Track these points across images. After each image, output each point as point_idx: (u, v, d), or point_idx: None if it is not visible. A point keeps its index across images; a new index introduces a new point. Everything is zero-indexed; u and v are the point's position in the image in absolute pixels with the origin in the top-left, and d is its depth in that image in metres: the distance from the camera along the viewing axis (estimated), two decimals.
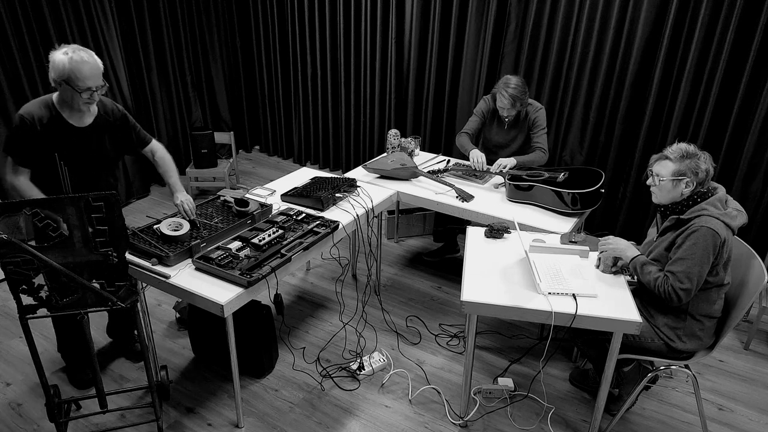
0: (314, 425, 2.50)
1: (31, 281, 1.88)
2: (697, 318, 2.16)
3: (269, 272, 2.22)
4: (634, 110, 3.74)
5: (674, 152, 2.09)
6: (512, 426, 2.51)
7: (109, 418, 2.48)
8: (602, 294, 2.19)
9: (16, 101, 3.79)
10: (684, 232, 2.06)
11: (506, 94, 3.14)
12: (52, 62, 2.12)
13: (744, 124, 3.40)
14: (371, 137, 5.02)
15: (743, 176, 3.44)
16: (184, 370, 2.82)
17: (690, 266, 2.02)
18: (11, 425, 2.46)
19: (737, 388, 2.79)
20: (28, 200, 1.78)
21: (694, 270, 2.01)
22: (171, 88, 4.91)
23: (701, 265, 2.01)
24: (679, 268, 2.04)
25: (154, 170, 4.88)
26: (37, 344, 2.10)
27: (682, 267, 2.03)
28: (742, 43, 3.26)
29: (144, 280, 2.33)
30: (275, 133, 5.74)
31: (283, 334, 3.08)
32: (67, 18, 3.93)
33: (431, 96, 4.49)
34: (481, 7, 4.06)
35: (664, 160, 2.12)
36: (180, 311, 3.07)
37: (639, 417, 2.59)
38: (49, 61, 2.13)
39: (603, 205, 4.00)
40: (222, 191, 2.87)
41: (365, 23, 4.60)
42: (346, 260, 3.79)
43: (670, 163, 2.09)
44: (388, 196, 3.09)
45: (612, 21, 3.58)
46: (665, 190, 2.12)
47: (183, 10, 4.88)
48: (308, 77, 5.14)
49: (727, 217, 2.04)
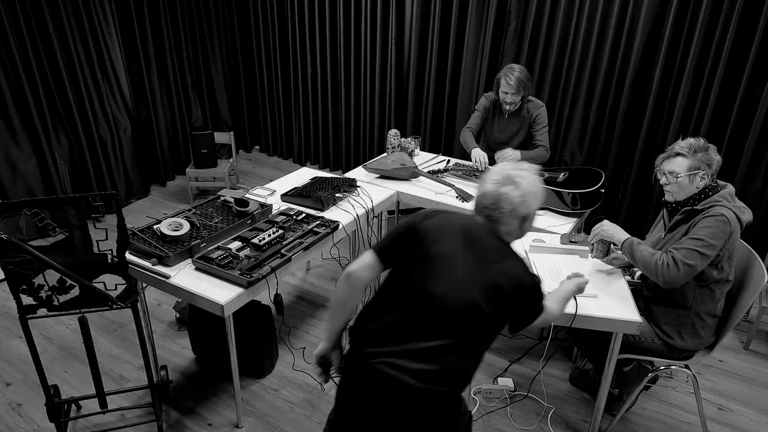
0: (314, 425, 2.50)
1: (31, 281, 1.88)
2: (701, 315, 2.16)
3: (269, 272, 2.22)
4: (634, 110, 3.74)
5: (685, 148, 2.08)
6: (512, 426, 2.51)
7: (109, 418, 2.48)
8: (602, 294, 2.19)
9: (16, 101, 3.80)
10: (697, 219, 2.05)
11: (513, 76, 3.11)
12: None
13: (744, 123, 3.40)
14: (371, 137, 5.02)
15: (743, 176, 3.44)
16: (184, 370, 2.82)
17: (699, 246, 1.99)
18: (11, 425, 2.46)
19: (737, 388, 2.79)
20: (28, 200, 1.78)
21: (703, 251, 1.98)
22: (171, 88, 4.90)
23: (710, 249, 1.99)
24: (689, 245, 2.00)
25: (154, 170, 4.95)
26: (37, 344, 2.10)
27: (692, 245, 2.00)
28: (742, 43, 3.26)
29: (144, 280, 2.33)
30: (275, 133, 5.74)
31: (283, 334, 3.08)
32: (67, 18, 3.93)
33: (431, 96, 4.49)
34: (481, 7, 4.06)
35: (675, 157, 2.10)
36: (180, 311, 3.07)
37: (639, 417, 2.59)
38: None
39: (603, 205, 3.99)
40: (222, 191, 2.87)
41: (365, 23, 4.60)
42: (346, 260, 3.79)
43: (683, 160, 2.08)
44: (388, 196, 3.09)
45: (612, 21, 3.58)
46: (683, 186, 2.10)
47: (183, 10, 4.87)
48: (308, 77, 5.14)
49: (738, 210, 2.04)
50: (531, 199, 1.60)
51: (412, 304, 1.55)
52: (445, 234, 1.60)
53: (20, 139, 3.87)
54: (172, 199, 4.79)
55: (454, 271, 1.55)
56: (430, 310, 1.53)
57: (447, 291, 1.53)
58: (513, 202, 1.58)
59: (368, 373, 1.54)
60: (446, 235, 1.60)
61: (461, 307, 1.52)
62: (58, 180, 4.08)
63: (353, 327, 1.67)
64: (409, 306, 1.55)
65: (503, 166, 1.66)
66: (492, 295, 1.54)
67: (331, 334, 1.77)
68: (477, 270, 1.55)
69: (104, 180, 4.43)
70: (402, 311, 1.55)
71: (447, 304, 1.52)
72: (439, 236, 1.60)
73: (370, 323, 1.60)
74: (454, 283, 1.54)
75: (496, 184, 1.61)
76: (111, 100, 4.41)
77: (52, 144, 4.02)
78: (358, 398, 1.59)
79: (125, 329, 3.09)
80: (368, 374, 1.54)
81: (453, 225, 1.63)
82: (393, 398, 1.52)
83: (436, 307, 1.53)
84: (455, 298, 1.52)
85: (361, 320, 1.65)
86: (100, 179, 4.42)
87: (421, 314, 1.54)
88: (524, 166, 1.66)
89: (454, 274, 1.55)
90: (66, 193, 4.13)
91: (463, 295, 1.53)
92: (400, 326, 1.55)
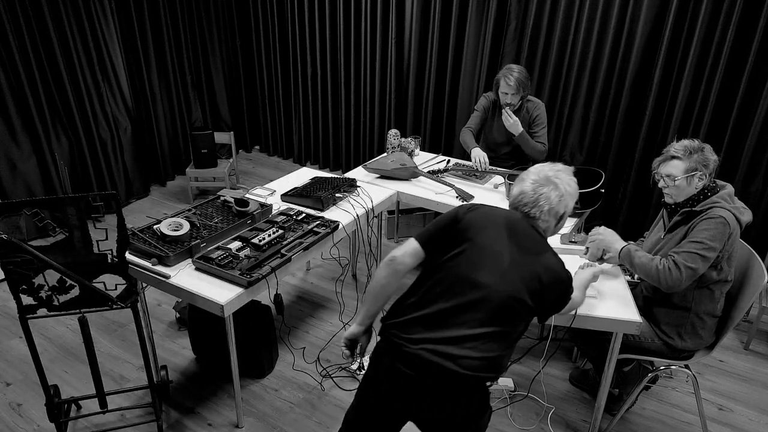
0: (314, 425, 2.50)
1: (31, 281, 1.88)
2: (700, 316, 2.16)
3: (269, 272, 2.22)
4: (634, 110, 3.74)
5: (681, 150, 2.08)
6: (512, 426, 2.51)
7: (109, 418, 2.48)
8: (602, 294, 2.19)
9: (16, 101, 3.80)
10: (696, 222, 2.06)
11: (512, 77, 3.15)
12: None
13: (744, 124, 3.40)
14: (371, 137, 5.02)
15: (743, 176, 3.44)
16: (184, 370, 2.82)
17: (699, 249, 1.99)
18: (11, 425, 2.46)
19: (737, 388, 2.79)
20: (28, 200, 1.78)
21: (703, 253, 1.99)
22: (171, 88, 4.91)
23: (710, 251, 1.99)
24: (690, 248, 2.01)
25: (154, 170, 4.95)
26: (37, 344, 2.10)
27: (693, 248, 2.00)
28: (742, 43, 3.26)
29: (144, 280, 2.33)
30: (275, 133, 5.74)
31: (283, 334, 3.08)
32: (67, 18, 3.93)
33: (431, 96, 4.49)
34: (481, 7, 4.06)
35: (671, 160, 2.10)
36: (180, 311, 3.07)
37: (639, 417, 2.59)
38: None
39: (603, 205, 3.99)
40: (222, 191, 2.87)
41: (365, 23, 4.60)
42: (346, 260, 3.79)
43: (680, 162, 2.08)
44: (388, 196, 3.09)
45: (612, 21, 3.58)
46: (681, 189, 2.10)
47: (183, 10, 4.88)
48: (308, 77, 5.14)
49: (737, 211, 2.04)
50: (568, 198, 1.74)
51: (457, 291, 1.60)
52: (491, 224, 1.67)
53: (20, 139, 3.87)
54: (172, 199, 4.79)
55: (500, 261, 1.62)
56: (476, 298, 1.59)
57: (493, 280, 1.59)
58: (552, 201, 1.70)
59: (407, 358, 1.58)
60: (491, 225, 1.67)
61: (506, 296, 1.59)
62: (58, 180, 4.08)
63: (388, 316, 1.71)
64: (455, 293, 1.60)
65: (541, 167, 1.78)
66: (532, 286, 1.62)
67: (365, 318, 1.82)
68: (520, 261, 1.63)
69: (104, 180, 4.43)
70: (447, 299, 1.61)
71: (493, 293, 1.59)
72: (485, 226, 1.67)
73: (410, 312, 1.65)
74: (500, 272, 1.60)
75: (534, 184, 1.72)
76: (111, 100, 4.41)
77: (52, 144, 4.02)
78: (394, 384, 1.62)
79: (125, 329, 3.09)
80: (407, 360, 1.58)
81: (497, 217, 1.70)
82: (433, 384, 1.57)
83: (482, 295, 1.59)
84: (501, 287, 1.59)
85: (397, 310, 1.70)
86: (100, 179, 4.42)
87: (467, 302, 1.59)
88: (560, 167, 1.78)
89: (500, 264, 1.62)
90: (66, 193, 4.13)
91: (508, 285, 1.60)
92: (443, 313, 1.60)
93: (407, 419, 1.71)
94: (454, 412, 1.62)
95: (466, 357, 1.56)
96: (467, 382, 1.58)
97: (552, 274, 1.66)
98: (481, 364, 1.57)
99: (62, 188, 4.11)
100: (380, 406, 1.69)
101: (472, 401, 1.64)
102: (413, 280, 1.74)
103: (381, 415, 1.71)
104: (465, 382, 1.57)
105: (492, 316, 1.58)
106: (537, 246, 1.68)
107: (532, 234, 1.70)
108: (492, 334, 1.59)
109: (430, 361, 1.55)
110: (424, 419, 1.67)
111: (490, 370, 1.60)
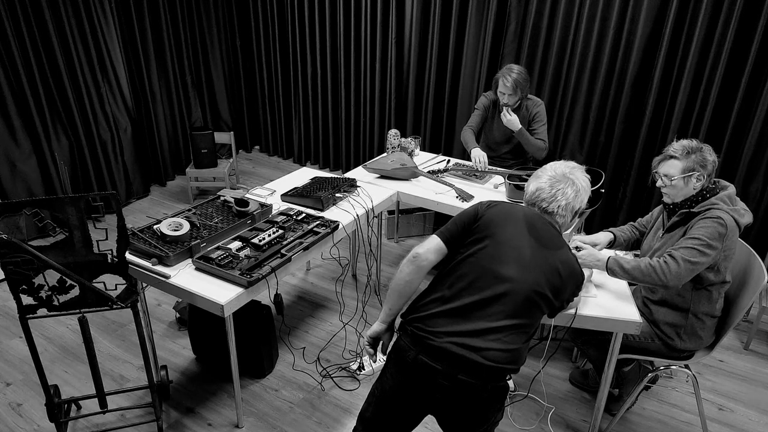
0: (314, 425, 2.50)
1: (31, 281, 1.88)
2: (699, 316, 2.16)
3: (269, 272, 2.22)
4: (634, 110, 3.74)
5: (678, 150, 2.09)
6: (512, 426, 2.51)
7: (109, 418, 2.48)
8: (602, 294, 2.19)
9: (16, 101, 3.80)
10: (694, 222, 2.06)
11: (510, 78, 3.18)
12: None
13: (744, 124, 3.40)
14: (371, 137, 5.02)
15: (743, 176, 3.44)
16: (184, 370, 2.82)
17: (698, 245, 1.99)
18: (11, 425, 2.46)
19: (737, 388, 2.79)
20: (28, 200, 1.78)
21: (702, 249, 1.98)
22: (171, 88, 4.91)
23: (709, 248, 1.99)
24: (688, 244, 2.01)
25: (154, 170, 4.95)
26: (37, 344, 2.10)
27: (691, 244, 2.00)
28: (742, 43, 3.26)
29: (144, 280, 2.33)
30: (275, 133, 5.74)
31: (283, 334, 3.08)
32: (67, 18, 3.93)
33: (431, 96, 4.49)
34: (481, 7, 4.06)
35: (669, 159, 2.10)
36: (180, 311, 3.07)
37: (639, 417, 2.59)
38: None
39: (603, 205, 4.00)
40: (222, 191, 2.87)
41: (365, 23, 4.60)
42: (346, 260, 3.79)
43: (677, 162, 2.08)
44: (388, 196, 3.09)
45: (612, 21, 3.58)
46: (678, 189, 2.11)
47: (183, 10, 4.87)
48: (308, 77, 5.14)
49: (736, 213, 2.04)
50: (583, 194, 1.80)
51: (482, 285, 1.64)
52: (510, 220, 1.71)
53: (20, 139, 3.87)
54: (172, 199, 4.79)
55: (522, 255, 1.66)
56: (500, 292, 1.62)
57: (517, 273, 1.64)
58: (568, 196, 1.76)
59: (433, 351, 1.61)
60: (511, 221, 1.71)
61: (530, 290, 1.64)
62: (58, 180, 4.08)
63: (409, 312, 1.74)
64: (480, 288, 1.63)
65: (556, 164, 1.83)
66: (553, 280, 1.68)
67: (388, 316, 1.83)
68: (541, 255, 1.68)
69: (104, 180, 4.43)
70: (471, 293, 1.64)
71: (517, 286, 1.63)
72: (505, 222, 1.71)
73: (433, 307, 1.67)
74: (522, 266, 1.65)
75: (551, 180, 1.78)
76: (111, 100, 4.41)
77: (52, 144, 4.02)
78: (419, 378, 1.64)
79: (125, 329, 3.09)
80: (434, 353, 1.61)
81: (516, 213, 1.75)
82: (458, 376, 1.59)
83: (506, 288, 1.63)
84: (525, 281, 1.64)
85: (418, 306, 1.72)
86: (100, 179, 4.42)
87: (492, 295, 1.62)
88: (574, 165, 1.83)
89: (522, 258, 1.66)
90: (66, 193, 4.13)
91: (530, 278, 1.65)
92: (468, 307, 1.63)
93: (427, 413, 1.73)
94: (476, 405, 1.65)
95: (490, 349, 1.60)
96: (491, 374, 1.61)
97: (569, 267, 1.72)
98: (504, 356, 1.61)
99: (62, 188, 4.11)
100: (403, 400, 1.70)
101: (495, 397, 1.67)
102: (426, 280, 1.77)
103: (403, 409, 1.72)
104: (489, 374, 1.61)
105: (516, 309, 1.63)
106: (555, 241, 1.73)
107: (549, 229, 1.74)
108: (514, 326, 1.63)
109: (456, 354, 1.59)
110: (444, 412, 1.69)
111: (512, 362, 1.64)
